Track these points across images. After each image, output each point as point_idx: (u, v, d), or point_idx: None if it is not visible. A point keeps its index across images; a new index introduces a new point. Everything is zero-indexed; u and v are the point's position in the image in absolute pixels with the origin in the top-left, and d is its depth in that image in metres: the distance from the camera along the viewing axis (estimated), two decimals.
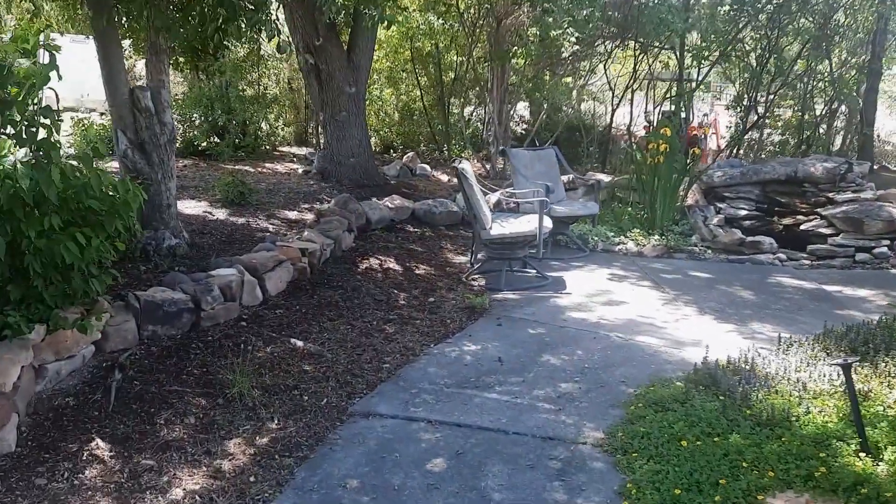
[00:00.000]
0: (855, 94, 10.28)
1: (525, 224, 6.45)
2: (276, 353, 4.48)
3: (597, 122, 12.36)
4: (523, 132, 12.46)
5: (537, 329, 5.24)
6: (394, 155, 11.96)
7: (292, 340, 4.68)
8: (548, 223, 6.52)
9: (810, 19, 10.04)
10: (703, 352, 4.26)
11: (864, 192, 8.20)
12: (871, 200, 7.96)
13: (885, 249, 7.31)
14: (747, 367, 4.16)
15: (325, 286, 5.74)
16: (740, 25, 10.03)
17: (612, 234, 8.20)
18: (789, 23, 10.04)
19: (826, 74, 10.35)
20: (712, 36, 9.91)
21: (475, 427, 3.73)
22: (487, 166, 10.84)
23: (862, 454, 3.18)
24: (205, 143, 10.07)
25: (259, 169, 9.67)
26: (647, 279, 6.77)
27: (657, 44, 10.54)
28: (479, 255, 6.72)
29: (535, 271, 6.63)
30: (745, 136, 10.91)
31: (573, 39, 10.35)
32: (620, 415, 3.86)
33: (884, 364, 4.01)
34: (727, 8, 10.03)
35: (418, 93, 12.19)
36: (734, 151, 10.90)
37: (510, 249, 6.44)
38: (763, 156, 10.66)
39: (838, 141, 11.39)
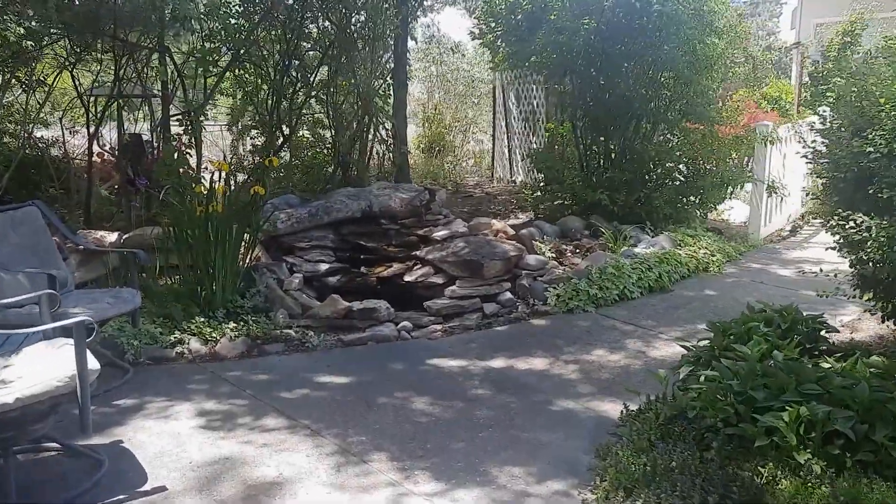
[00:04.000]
0: (386, 107, 9.37)
1: (45, 370, 3.25)
2: None
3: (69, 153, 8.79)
4: None
5: None
6: None
7: None
8: (94, 362, 3.43)
9: (332, 18, 8.68)
10: None
11: (455, 225, 7.15)
12: (468, 235, 6.92)
13: (509, 295, 6.29)
14: None
15: None
16: (256, 19, 8.04)
17: (161, 329, 5.35)
18: (311, 21, 8.50)
19: (352, 85, 9.15)
20: (223, 32, 7.69)
21: None
22: None
23: None
24: None
25: None
26: (263, 409, 4.30)
27: (143, 41, 7.77)
28: None
29: (71, 448, 3.49)
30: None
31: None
32: None
33: None
34: None
35: None
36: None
37: (18, 430, 3.18)
38: (292, 186, 8.91)
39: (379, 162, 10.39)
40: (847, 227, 3.76)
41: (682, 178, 7.97)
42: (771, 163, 8.26)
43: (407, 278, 6.51)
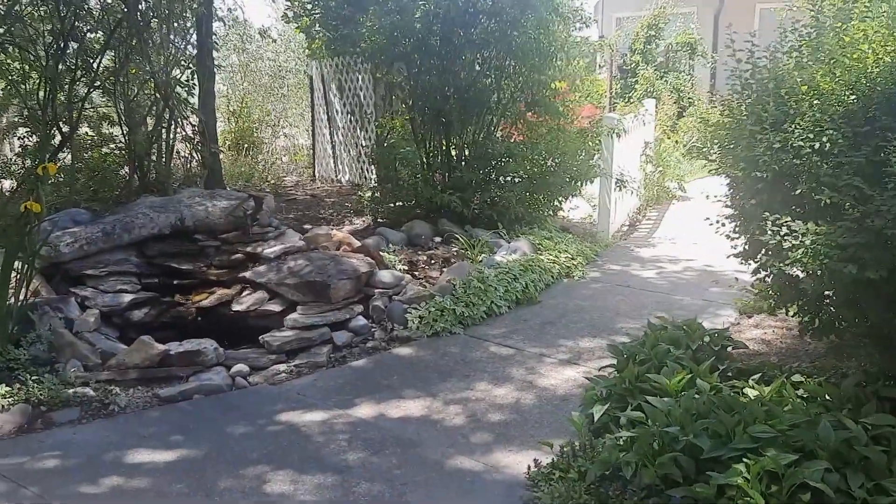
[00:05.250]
0: (191, 99, 8.02)
1: None
2: None
3: None
4: None
5: None
6: None
7: None
8: None
9: None
10: None
11: (289, 238, 6.12)
12: (307, 250, 5.92)
13: (362, 320, 5.38)
14: None
15: None
16: None
17: None
18: None
19: (146, 74, 7.71)
20: None
21: None
22: None
23: None
24: None
25: None
26: None
27: None
28: None
29: None
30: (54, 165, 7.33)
31: None
32: None
33: None
34: None
35: None
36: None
37: None
38: (77, 195, 7.34)
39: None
40: (782, 233, 3.31)
41: (533, 176, 7.47)
42: (615, 156, 8.01)
43: (236, 307, 5.41)
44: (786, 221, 3.36)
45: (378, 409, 4.26)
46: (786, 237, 3.35)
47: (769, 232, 3.47)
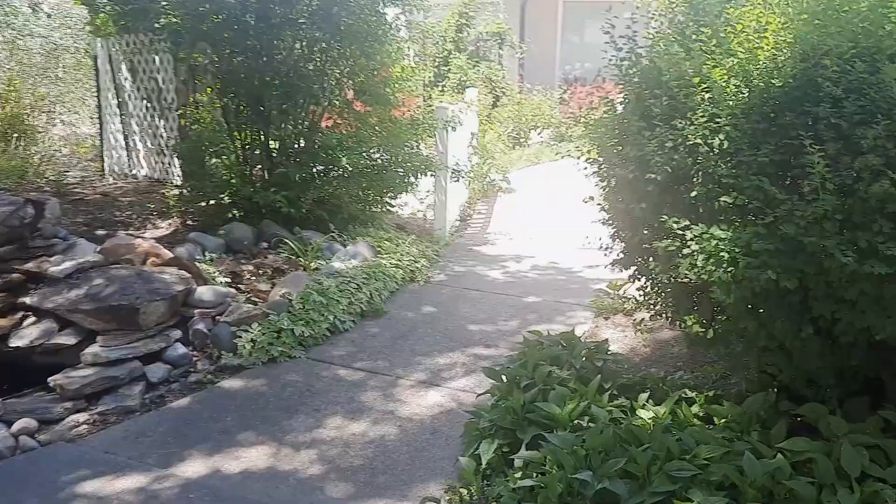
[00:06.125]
0: None
1: None
2: None
3: None
4: None
5: None
6: None
7: None
8: None
9: None
10: None
11: (80, 250, 5.09)
12: (106, 265, 4.93)
13: (182, 349, 4.53)
14: None
15: None
16: None
17: None
18: None
19: None
20: None
21: None
22: None
23: None
24: None
25: None
26: None
27: None
28: None
29: None
30: None
31: None
32: None
33: None
34: None
35: None
36: None
37: None
38: None
39: None
40: (686, 238, 3.01)
41: (366, 171, 6.86)
42: (450, 148, 7.62)
43: (15, 343, 4.35)
44: (686, 225, 3.06)
45: (212, 464, 3.51)
46: (688, 242, 3.05)
47: (667, 237, 3.17)
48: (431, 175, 7.50)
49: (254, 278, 5.52)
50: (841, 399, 3.20)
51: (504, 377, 3.67)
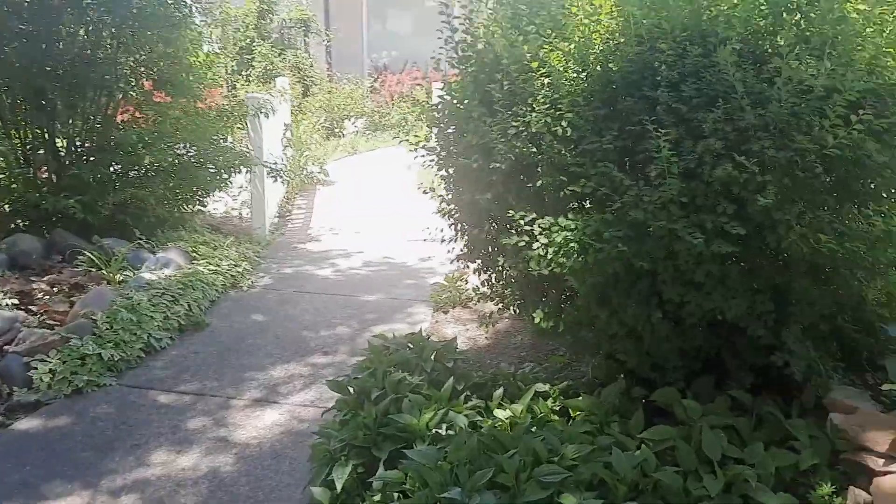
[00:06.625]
0: None
1: None
2: None
3: None
4: None
5: None
6: None
7: None
8: None
9: None
10: None
11: None
12: None
13: None
14: None
15: None
16: None
17: None
18: None
19: None
20: None
21: None
22: None
23: None
24: None
25: None
26: None
27: None
28: None
29: None
30: None
31: None
32: None
33: None
34: None
35: None
36: None
37: None
38: None
39: None
40: (535, 231, 2.88)
41: (172, 169, 6.25)
42: (265, 141, 7.16)
43: None
44: (533, 219, 2.95)
45: None
46: (537, 237, 2.94)
47: (514, 232, 3.05)
48: (247, 171, 7.02)
49: (48, 297, 4.82)
50: (687, 380, 3.26)
51: (351, 389, 3.40)
